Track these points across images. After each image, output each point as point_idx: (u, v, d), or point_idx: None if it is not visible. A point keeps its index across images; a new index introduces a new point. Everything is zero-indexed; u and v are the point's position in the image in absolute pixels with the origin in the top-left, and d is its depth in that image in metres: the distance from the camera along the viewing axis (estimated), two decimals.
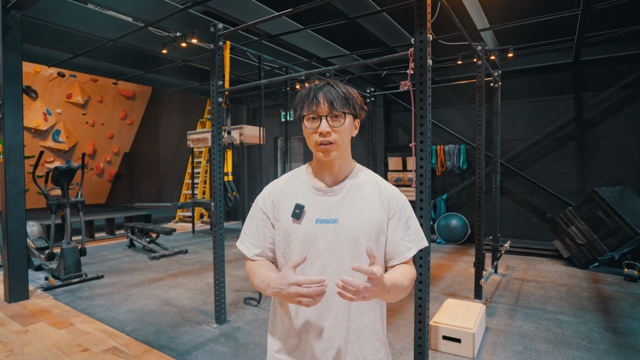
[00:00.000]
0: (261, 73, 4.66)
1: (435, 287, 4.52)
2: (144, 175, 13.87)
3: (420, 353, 2.29)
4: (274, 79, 3.27)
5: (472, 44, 3.86)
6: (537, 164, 6.56)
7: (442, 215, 7.28)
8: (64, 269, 4.64)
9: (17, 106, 4.07)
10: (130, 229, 6.99)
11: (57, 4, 4.73)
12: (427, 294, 2.28)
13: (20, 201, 4.09)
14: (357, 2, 4.54)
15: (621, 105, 5.88)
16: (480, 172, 4.08)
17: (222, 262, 3.47)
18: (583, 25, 4.74)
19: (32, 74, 10.77)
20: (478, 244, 4.07)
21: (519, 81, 6.65)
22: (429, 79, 2.26)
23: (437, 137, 7.49)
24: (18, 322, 3.51)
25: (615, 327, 3.34)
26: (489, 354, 2.90)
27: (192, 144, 8.34)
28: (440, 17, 4.27)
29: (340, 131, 1.10)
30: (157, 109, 13.55)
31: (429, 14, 2.27)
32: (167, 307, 3.94)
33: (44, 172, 7.79)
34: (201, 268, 5.52)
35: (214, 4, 4.30)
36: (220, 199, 3.45)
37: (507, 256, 6.10)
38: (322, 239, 1.11)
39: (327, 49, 6.19)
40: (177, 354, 2.92)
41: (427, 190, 2.29)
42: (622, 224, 4.92)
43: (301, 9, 3.21)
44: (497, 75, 4.91)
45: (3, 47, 3.95)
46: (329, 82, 1.14)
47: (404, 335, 3.25)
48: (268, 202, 1.20)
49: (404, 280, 1.07)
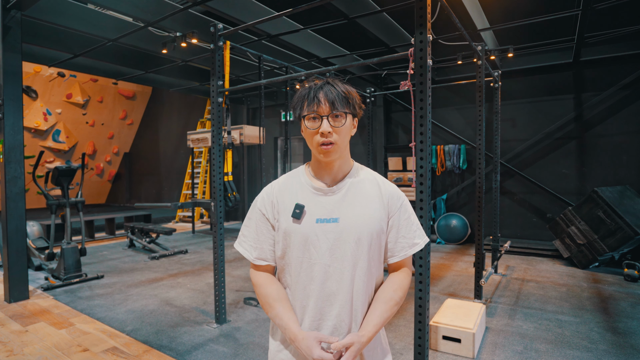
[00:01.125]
0: (261, 73, 4.66)
1: (435, 287, 4.52)
2: (144, 175, 13.88)
3: (420, 353, 2.29)
4: (274, 79, 3.27)
5: (472, 44, 3.86)
6: (537, 164, 6.56)
7: (442, 215, 7.28)
8: (64, 269, 4.64)
9: (17, 106, 4.07)
10: (130, 229, 6.99)
11: (57, 4, 4.73)
12: (427, 294, 2.28)
13: (20, 201, 4.09)
14: (357, 2, 4.54)
15: (621, 106, 5.88)
16: (480, 172, 4.08)
17: (222, 262, 3.47)
18: (583, 25, 4.74)
19: (32, 74, 10.77)
20: (478, 244, 4.07)
21: (519, 81, 6.65)
22: (429, 79, 2.26)
23: (437, 137, 7.49)
24: (18, 322, 3.51)
25: (615, 327, 3.34)
26: (489, 354, 2.90)
27: (192, 144, 8.33)
28: (440, 17, 4.26)
29: (341, 131, 1.11)
30: (157, 109, 13.56)
31: (429, 14, 2.27)
32: (167, 307, 3.94)
33: (44, 172, 7.79)
34: (201, 268, 5.52)
35: (214, 4, 4.30)
36: (220, 199, 3.45)
37: (507, 256, 6.10)
38: (324, 238, 1.11)
39: (327, 49, 6.19)
40: (177, 354, 2.92)
41: (427, 190, 2.29)
42: (622, 224, 4.92)
43: (301, 9, 3.21)
44: (497, 75, 4.91)
45: (3, 47, 3.96)
46: (328, 81, 1.14)
47: (404, 335, 3.25)
48: (267, 203, 1.20)
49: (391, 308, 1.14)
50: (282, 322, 1.11)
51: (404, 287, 1.18)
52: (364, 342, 1.05)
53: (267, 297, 1.16)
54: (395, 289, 1.16)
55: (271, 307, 1.14)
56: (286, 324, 1.10)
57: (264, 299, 1.16)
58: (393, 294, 1.15)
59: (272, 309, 1.13)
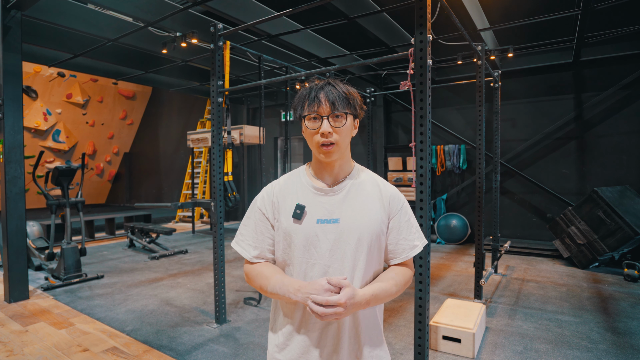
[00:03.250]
0: (261, 73, 4.66)
1: (435, 287, 4.52)
2: (144, 175, 13.88)
3: (420, 353, 2.29)
4: (274, 79, 3.27)
5: (472, 44, 3.86)
6: (537, 164, 6.56)
7: (442, 215, 7.28)
8: (64, 269, 4.64)
9: (17, 106, 4.07)
10: (130, 229, 6.99)
11: (57, 4, 4.73)
12: (427, 294, 2.28)
13: (20, 201, 4.09)
14: (357, 2, 4.54)
15: (621, 105, 5.88)
16: (480, 172, 4.08)
17: (222, 262, 3.47)
18: (583, 25, 4.74)
19: (32, 74, 10.77)
20: (478, 244, 4.07)
21: (519, 81, 6.65)
22: (429, 79, 2.26)
23: (437, 137, 7.49)
24: (18, 322, 3.51)
25: (615, 327, 3.34)
26: (489, 354, 2.90)
27: (192, 144, 8.33)
28: (440, 17, 4.27)
29: (342, 132, 1.11)
30: (157, 109, 13.55)
31: (429, 14, 2.27)
32: (167, 307, 3.94)
33: (44, 172, 7.79)
34: (201, 268, 5.52)
35: (214, 4, 4.30)
36: (220, 199, 3.45)
37: (507, 256, 6.10)
38: (324, 239, 1.11)
39: (327, 49, 6.19)
40: (177, 354, 2.92)
41: (427, 190, 2.29)
42: (622, 224, 4.92)
43: (301, 9, 3.21)
44: (497, 75, 4.91)
45: (3, 47, 3.96)
46: (329, 81, 1.14)
47: (404, 335, 3.25)
48: (267, 202, 1.20)
49: (389, 287, 1.11)
50: (283, 282, 1.08)
51: (405, 275, 1.18)
52: (359, 293, 1.02)
53: (263, 272, 1.15)
54: (396, 273, 1.16)
55: (268, 279, 1.12)
56: (290, 281, 1.07)
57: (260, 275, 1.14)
58: (394, 275, 1.15)
59: (270, 280, 1.11)
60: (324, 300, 0.97)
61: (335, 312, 0.97)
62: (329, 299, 0.97)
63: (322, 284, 1.00)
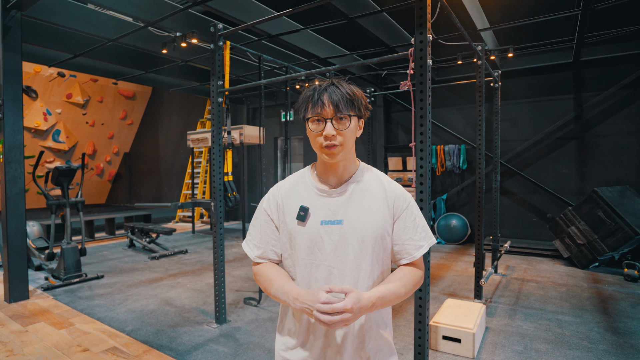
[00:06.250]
0: (261, 73, 4.65)
1: (435, 287, 4.52)
2: (144, 175, 13.87)
3: (420, 353, 2.29)
4: (274, 79, 3.27)
5: (472, 44, 3.86)
6: (537, 164, 6.56)
7: (442, 215, 7.28)
8: (64, 269, 4.64)
9: (17, 106, 4.07)
10: (130, 229, 6.99)
11: (57, 4, 4.73)
12: (427, 294, 2.28)
13: (20, 201, 4.09)
14: (357, 2, 4.54)
15: (621, 105, 5.88)
16: (480, 172, 4.08)
17: (222, 262, 3.47)
18: (583, 25, 4.74)
19: (32, 74, 10.77)
20: (478, 244, 4.07)
21: (519, 81, 6.65)
22: (429, 79, 2.26)
23: (437, 137, 7.49)
24: (18, 322, 3.51)
25: (615, 327, 3.34)
26: (489, 354, 2.90)
27: (192, 144, 8.33)
28: (440, 17, 4.26)
29: (346, 133, 1.10)
30: (157, 109, 13.55)
31: (429, 14, 2.27)
32: (167, 307, 3.94)
33: (44, 172, 7.78)
34: (201, 268, 5.52)
35: (214, 4, 4.30)
36: (220, 199, 3.45)
37: (507, 256, 6.10)
38: (328, 240, 1.11)
39: (327, 49, 6.19)
40: (177, 354, 2.92)
41: (427, 190, 2.29)
42: (622, 224, 4.92)
43: (301, 9, 3.21)
44: (497, 75, 4.91)
45: (3, 47, 3.96)
46: (333, 82, 1.13)
47: (404, 335, 3.25)
48: (273, 204, 1.21)
49: (397, 288, 1.09)
50: (284, 289, 1.08)
51: (414, 275, 1.15)
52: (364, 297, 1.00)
53: (268, 274, 1.16)
54: (404, 273, 1.14)
55: (273, 282, 1.12)
56: (290, 288, 1.08)
57: (264, 277, 1.16)
58: (402, 276, 1.13)
59: (274, 283, 1.12)
60: (329, 309, 0.95)
61: (342, 318, 0.95)
62: (335, 307, 0.95)
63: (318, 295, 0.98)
